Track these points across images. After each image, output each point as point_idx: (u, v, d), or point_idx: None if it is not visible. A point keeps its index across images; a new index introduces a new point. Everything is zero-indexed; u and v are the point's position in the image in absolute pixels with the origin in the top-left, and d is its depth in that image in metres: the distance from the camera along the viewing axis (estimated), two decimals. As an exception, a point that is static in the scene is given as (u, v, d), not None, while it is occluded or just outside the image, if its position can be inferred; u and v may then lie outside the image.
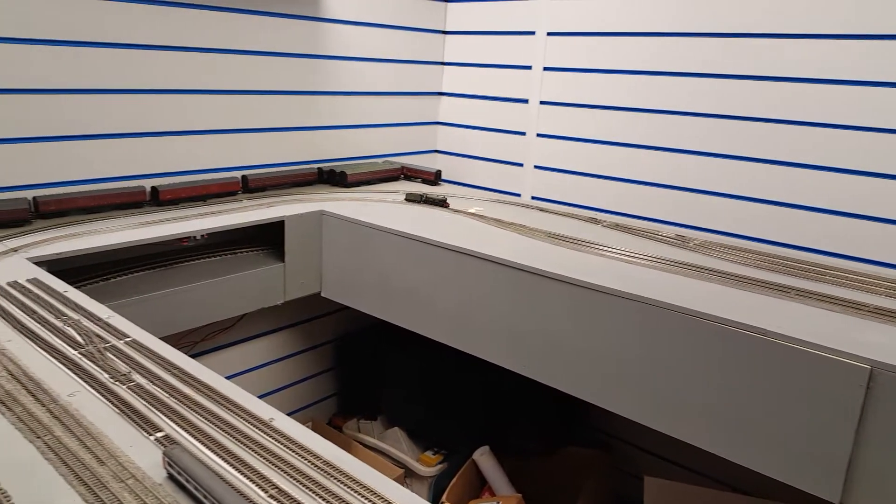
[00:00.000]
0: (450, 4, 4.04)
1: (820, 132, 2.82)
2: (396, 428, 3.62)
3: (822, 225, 2.87)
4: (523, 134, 3.79)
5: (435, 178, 3.77)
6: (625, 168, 3.41)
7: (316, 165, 3.66)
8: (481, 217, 3.05)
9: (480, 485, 3.35)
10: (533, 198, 3.79)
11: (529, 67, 3.68)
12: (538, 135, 3.72)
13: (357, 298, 3.09)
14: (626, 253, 2.56)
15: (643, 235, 2.85)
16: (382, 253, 2.88)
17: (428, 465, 3.44)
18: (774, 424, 1.90)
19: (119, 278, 2.59)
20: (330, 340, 3.96)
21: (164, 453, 1.16)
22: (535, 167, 3.76)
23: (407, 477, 3.47)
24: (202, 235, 2.74)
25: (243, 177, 3.28)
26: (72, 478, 1.14)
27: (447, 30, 4.09)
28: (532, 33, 3.64)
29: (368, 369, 3.80)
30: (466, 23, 3.99)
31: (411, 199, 3.30)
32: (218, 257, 2.98)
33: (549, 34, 3.58)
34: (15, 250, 2.25)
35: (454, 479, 3.21)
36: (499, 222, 2.97)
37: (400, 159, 4.08)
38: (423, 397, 3.58)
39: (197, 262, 2.88)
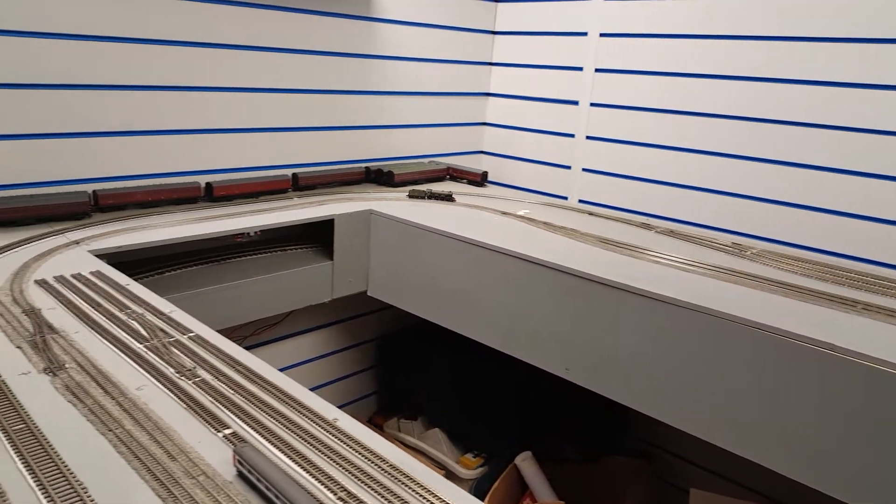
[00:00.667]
0: (500, 4, 4.02)
1: (891, 140, 2.72)
2: (437, 429, 3.61)
3: (889, 237, 2.76)
4: (572, 136, 3.74)
5: (481, 179, 3.75)
6: (678, 173, 3.34)
7: (363, 165, 3.67)
8: (530, 220, 3.02)
9: (521, 490, 3.32)
10: (580, 201, 3.74)
11: (581, 69, 3.64)
12: (588, 137, 3.67)
13: (403, 298, 3.09)
14: (682, 260, 2.50)
15: (698, 243, 2.78)
16: (430, 253, 2.87)
17: (468, 468, 3.42)
18: (839, 443, 1.83)
19: (173, 272, 2.64)
20: (372, 339, 3.97)
21: (235, 451, 1.16)
22: (584, 170, 3.71)
23: (447, 479, 3.45)
24: (256, 232, 2.77)
25: (294, 174, 3.31)
26: (144, 472, 1.15)
27: (496, 30, 4.07)
28: (584, 34, 3.59)
29: (410, 369, 3.80)
30: (516, 23, 3.96)
31: (415, 195, 3.30)
32: (268, 254, 3.01)
33: (601, 35, 3.53)
34: (77, 242, 2.30)
35: (496, 484, 3.18)
36: (548, 226, 2.93)
37: (445, 160, 4.07)
38: (464, 399, 3.57)
39: (248, 258, 2.92)
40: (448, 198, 3.29)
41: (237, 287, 2.65)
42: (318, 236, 3.14)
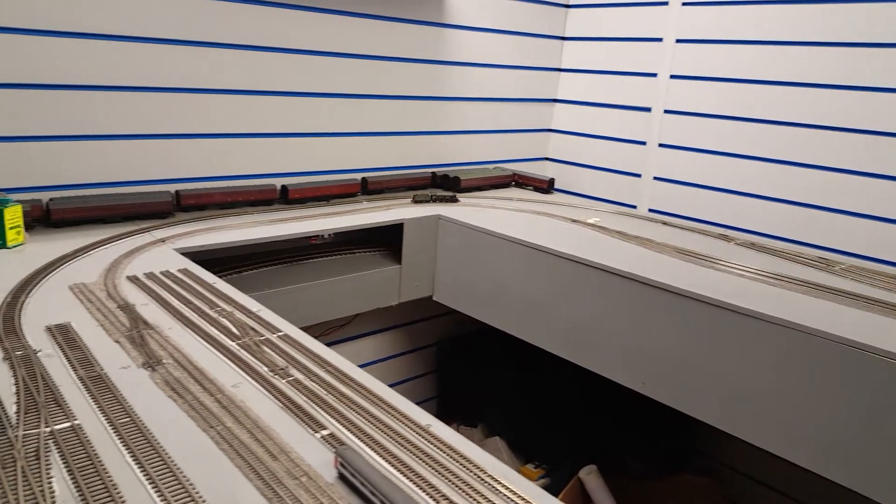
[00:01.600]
0: (571, 10, 3.97)
1: None
2: (497, 437, 3.58)
3: None
4: (643, 143, 3.66)
5: (548, 185, 3.71)
6: (756, 183, 3.22)
7: (429, 170, 3.68)
8: (601, 228, 2.97)
9: (585, 504, 3.25)
10: (650, 210, 3.66)
11: (654, 75, 3.56)
12: (660, 145, 3.59)
13: (469, 304, 3.07)
14: (767, 274, 2.40)
15: (782, 256, 2.68)
16: (498, 260, 2.85)
17: (529, 479, 3.36)
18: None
19: (249, 272, 2.68)
20: (432, 344, 3.97)
21: (337, 453, 1.16)
22: (655, 178, 3.63)
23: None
24: (329, 234, 2.80)
25: (363, 179, 3.34)
26: (247, 470, 1.16)
27: (566, 35, 4.02)
28: (659, 40, 3.52)
29: (471, 375, 3.78)
30: (587, 29, 3.90)
31: (420, 199, 3.26)
32: (338, 256, 3.04)
33: (677, 41, 3.45)
34: (162, 241, 2.36)
35: (559, 496, 3.12)
36: (622, 234, 2.87)
37: (510, 166, 4.04)
38: (525, 408, 3.52)
39: (319, 260, 2.95)
40: (452, 199, 3.30)
41: (311, 288, 2.68)
42: (383, 240, 3.16)
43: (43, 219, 2.39)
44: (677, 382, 2.28)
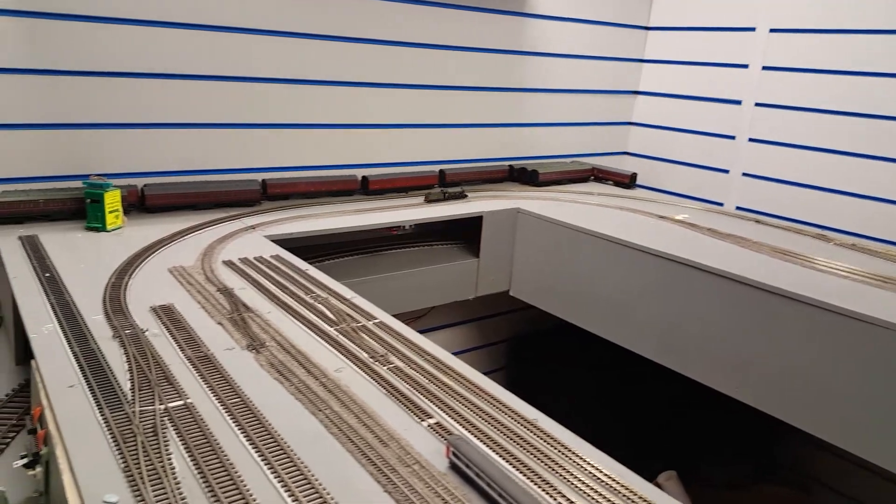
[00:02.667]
0: None
1: None
2: (570, 437, 3.50)
3: None
4: (732, 138, 3.51)
5: (630, 180, 3.60)
6: (859, 182, 3.03)
7: (506, 163, 3.63)
8: (691, 225, 2.85)
9: (663, 510, 3.14)
10: (737, 208, 3.50)
11: (746, 66, 3.40)
12: (751, 139, 3.43)
13: (548, 300, 3.01)
14: (874, 276, 2.25)
15: (889, 258, 2.51)
16: (581, 255, 2.77)
17: (603, 481, 3.28)
18: None
19: (332, 261, 2.70)
20: (503, 340, 3.92)
21: (449, 443, 1.13)
22: (744, 174, 3.47)
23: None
24: (410, 226, 2.80)
25: (441, 171, 3.32)
26: (359, 455, 1.14)
27: (650, 25, 3.89)
28: (752, 29, 3.36)
29: (544, 373, 3.70)
30: (673, 18, 3.77)
31: (433, 198, 3.04)
32: (416, 248, 3.03)
33: (771, 31, 3.28)
34: (252, 227, 2.40)
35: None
36: (713, 232, 2.75)
37: (587, 160, 3.94)
38: (603, 408, 3.43)
39: (398, 251, 2.95)
40: (461, 195, 3.12)
41: (392, 279, 2.68)
42: (459, 233, 3.13)
43: (138, 204, 2.46)
44: (776, 388, 2.16)
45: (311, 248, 2.68)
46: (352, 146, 3.11)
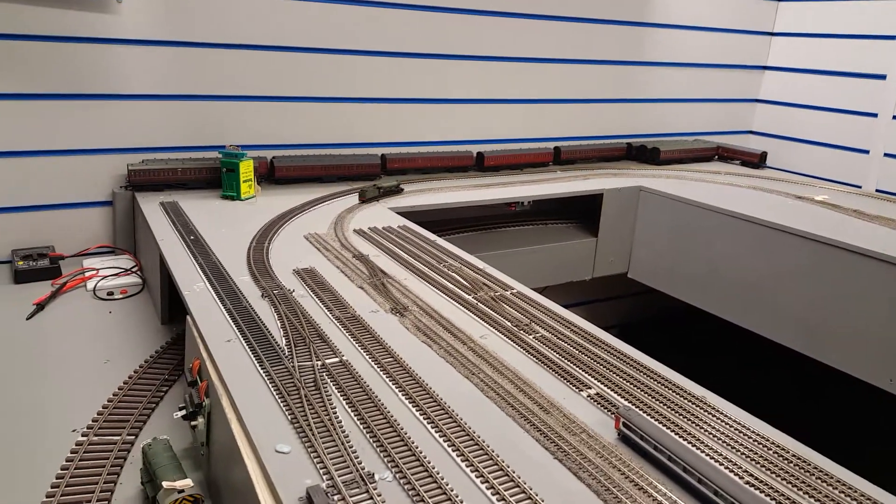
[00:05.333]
0: (789, -34, 3.58)
1: None
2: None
3: None
4: (874, 116, 3.21)
5: (759, 159, 3.37)
6: None
7: (623, 141, 3.49)
8: (834, 206, 2.63)
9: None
10: (878, 190, 3.21)
11: (892, 37, 3.10)
12: (895, 117, 3.13)
13: (671, 283, 2.87)
14: None
15: None
16: (711, 235, 2.62)
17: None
18: None
19: (451, 236, 2.68)
20: (612, 326, 3.79)
21: (620, 414, 1.07)
22: (886, 155, 3.18)
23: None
24: (528, 202, 2.74)
25: (556, 148, 3.23)
26: (522, 420, 1.10)
27: (782, -4, 3.63)
28: (904, -5, 3.05)
29: (660, 360, 3.56)
30: (810, -14, 3.49)
31: (369, 196, 2.40)
32: (532, 226, 2.97)
33: (929, -5, 2.97)
34: (376, 199, 2.41)
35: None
36: (860, 214, 2.53)
37: (709, 139, 3.73)
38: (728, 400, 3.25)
39: (514, 228, 2.89)
40: (398, 190, 2.54)
41: (510, 255, 2.63)
42: (574, 212, 3.04)
43: (268, 175, 2.53)
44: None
45: (427, 223, 2.67)
46: (465, 122, 3.08)
